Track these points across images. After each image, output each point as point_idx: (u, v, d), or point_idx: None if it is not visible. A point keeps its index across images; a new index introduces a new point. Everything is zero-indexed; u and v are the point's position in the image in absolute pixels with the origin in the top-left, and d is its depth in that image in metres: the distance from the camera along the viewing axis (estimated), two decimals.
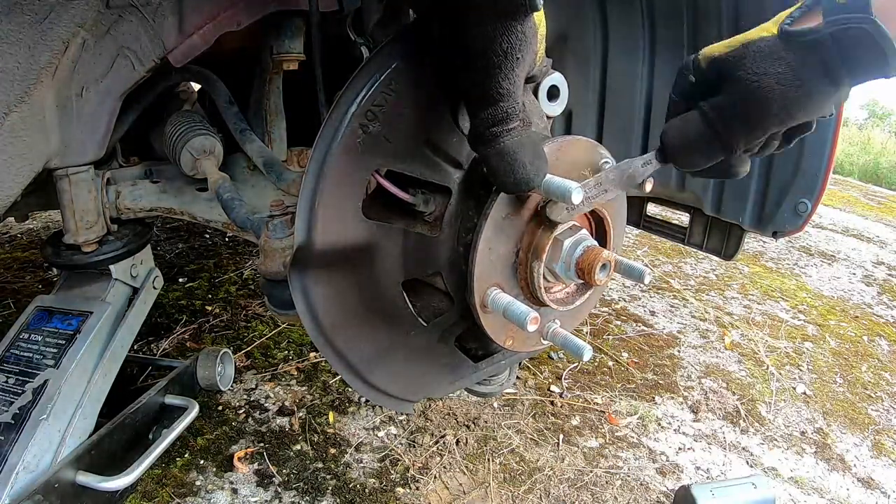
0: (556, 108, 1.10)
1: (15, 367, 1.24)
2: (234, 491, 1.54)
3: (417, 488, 1.60)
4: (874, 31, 0.62)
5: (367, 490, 1.57)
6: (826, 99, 0.70)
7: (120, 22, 1.11)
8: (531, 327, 0.82)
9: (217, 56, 1.29)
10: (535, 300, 0.96)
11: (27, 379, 1.21)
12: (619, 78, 1.75)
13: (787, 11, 0.71)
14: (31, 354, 1.26)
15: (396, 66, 0.81)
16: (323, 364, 2.09)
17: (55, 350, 1.26)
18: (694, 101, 0.78)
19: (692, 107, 0.78)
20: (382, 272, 0.91)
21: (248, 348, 2.15)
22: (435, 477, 1.64)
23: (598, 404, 2.02)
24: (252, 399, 1.89)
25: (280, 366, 2.07)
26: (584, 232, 0.92)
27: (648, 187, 0.88)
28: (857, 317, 2.96)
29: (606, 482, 1.68)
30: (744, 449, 1.89)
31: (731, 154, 0.76)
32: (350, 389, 1.96)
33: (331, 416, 1.84)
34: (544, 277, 0.94)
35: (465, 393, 1.34)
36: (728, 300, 2.98)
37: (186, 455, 1.64)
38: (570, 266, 0.90)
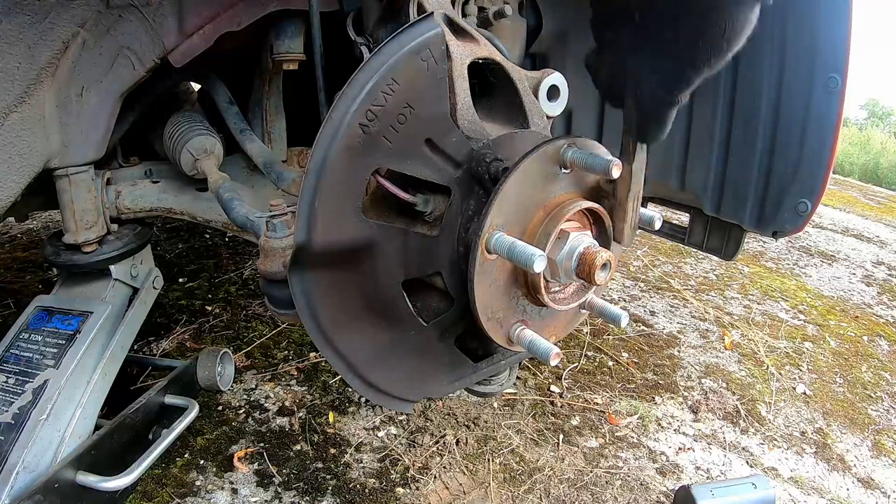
0: (556, 108, 1.10)
1: (15, 367, 1.25)
2: (234, 491, 1.54)
3: (417, 488, 1.60)
4: None
5: (367, 490, 1.57)
6: None
7: (120, 22, 1.11)
8: (554, 361, 0.89)
9: (217, 56, 1.29)
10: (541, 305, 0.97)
11: (27, 379, 1.22)
12: None
13: None
14: (31, 354, 1.26)
15: (396, 65, 0.81)
16: (323, 364, 2.09)
17: (55, 350, 1.26)
18: None
19: None
20: (382, 272, 0.91)
21: (248, 348, 2.15)
22: (435, 477, 1.64)
23: (598, 404, 2.02)
24: (252, 399, 1.89)
25: (280, 366, 2.07)
26: (575, 238, 0.91)
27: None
28: (857, 317, 2.96)
29: (606, 482, 1.68)
30: (744, 449, 1.89)
31: None
32: (350, 389, 1.96)
33: (331, 416, 1.84)
34: (545, 279, 0.94)
35: (465, 393, 1.34)
36: (728, 300, 2.98)
37: (186, 455, 1.64)
38: (571, 275, 0.90)
